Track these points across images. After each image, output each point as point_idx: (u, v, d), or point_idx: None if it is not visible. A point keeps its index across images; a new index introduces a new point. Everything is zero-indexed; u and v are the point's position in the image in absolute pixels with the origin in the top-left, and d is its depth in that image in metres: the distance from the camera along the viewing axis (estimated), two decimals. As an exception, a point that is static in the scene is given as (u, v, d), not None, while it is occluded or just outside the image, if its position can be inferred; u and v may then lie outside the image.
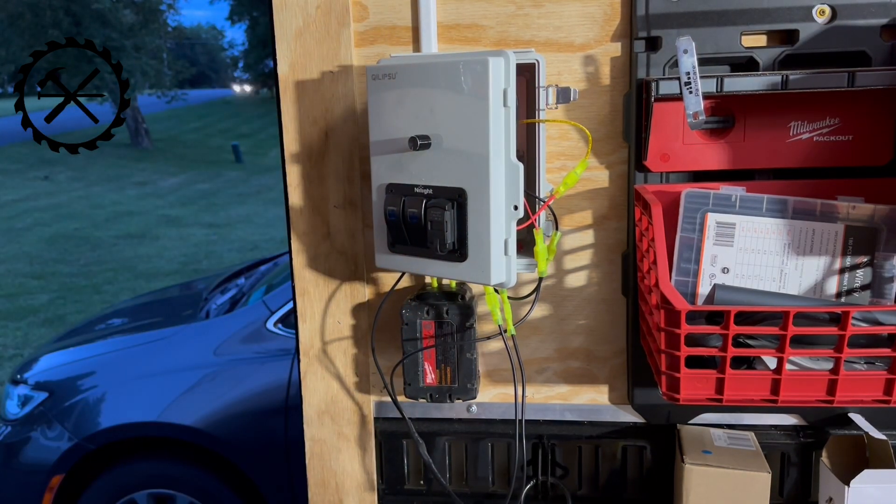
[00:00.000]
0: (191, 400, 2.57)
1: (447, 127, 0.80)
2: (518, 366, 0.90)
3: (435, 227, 0.81)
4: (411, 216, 0.82)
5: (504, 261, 0.81)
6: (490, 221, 0.79)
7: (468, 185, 0.80)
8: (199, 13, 58.66)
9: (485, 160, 0.78)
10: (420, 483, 1.12)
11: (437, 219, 0.80)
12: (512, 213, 0.81)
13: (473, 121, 0.78)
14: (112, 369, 2.77)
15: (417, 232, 0.83)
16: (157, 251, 8.10)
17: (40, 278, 7.16)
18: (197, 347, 2.72)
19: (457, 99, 0.78)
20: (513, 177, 0.80)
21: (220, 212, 9.94)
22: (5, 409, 2.78)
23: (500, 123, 0.78)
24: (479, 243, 0.80)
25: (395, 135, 0.85)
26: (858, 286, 0.89)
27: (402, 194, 0.84)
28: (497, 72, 0.77)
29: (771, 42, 0.93)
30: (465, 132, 0.79)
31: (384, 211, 0.86)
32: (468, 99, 0.78)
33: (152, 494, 2.58)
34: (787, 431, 1.03)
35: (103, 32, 18.17)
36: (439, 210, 0.80)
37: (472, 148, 0.78)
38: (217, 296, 3.22)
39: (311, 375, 1.10)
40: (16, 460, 2.64)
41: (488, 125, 0.77)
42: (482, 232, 0.80)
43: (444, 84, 0.79)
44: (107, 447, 2.59)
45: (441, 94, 0.80)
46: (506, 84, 0.78)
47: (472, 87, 0.77)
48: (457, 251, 0.82)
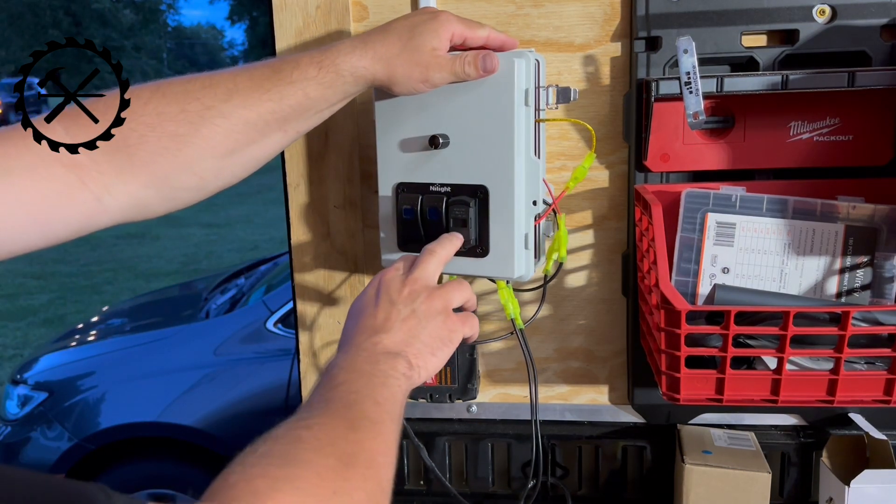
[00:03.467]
0: (191, 400, 2.57)
1: (468, 125, 0.82)
2: (530, 361, 0.91)
3: (457, 224, 0.83)
4: (431, 213, 0.84)
5: (525, 254, 0.84)
6: (514, 216, 0.82)
7: (490, 182, 0.82)
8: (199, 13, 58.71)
9: (510, 157, 0.80)
10: (420, 483, 1.12)
11: (460, 216, 0.82)
12: (531, 208, 0.84)
13: (498, 119, 0.80)
14: (112, 369, 2.77)
15: (436, 229, 0.84)
16: (157, 251, 8.10)
17: (40, 278, 7.16)
18: (197, 347, 2.72)
19: (480, 98, 0.81)
20: (533, 173, 0.83)
21: (220, 212, 9.94)
22: (5, 410, 2.78)
23: (522, 122, 0.81)
24: (502, 238, 0.83)
25: (406, 134, 0.86)
26: (858, 286, 0.89)
27: (418, 193, 0.85)
28: (521, 72, 0.80)
29: (771, 42, 0.93)
30: (489, 130, 0.81)
31: (397, 210, 0.87)
32: (493, 98, 0.80)
33: (152, 494, 2.58)
34: (787, 431, 1.02)
35: (103, 32, 18.18)
36: (464, 206, 0.82)
37: (495, 145, 0.81)
38: (217, 296, 3.22)
39: (311, 375, 1.10)
40: (16, 460, 2.64)
41: (513, 124, 0.80)
42: (505, 227, 0.82)
43: (467, 83, 0.81)
44: (107, 447, 2.59)
45: (462, 93, 0.81)
46: (527, 84, 0.81)
47: (497, 87, 0.80)
48: (478, 247, 0.84)
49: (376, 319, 0.71)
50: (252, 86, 0.72)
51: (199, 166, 0.72)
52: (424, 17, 0.78)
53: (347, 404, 0.61)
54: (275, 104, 0.73)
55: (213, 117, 0.70)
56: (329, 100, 0.76)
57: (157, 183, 0.71)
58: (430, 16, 0.78)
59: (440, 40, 0.76)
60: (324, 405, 0.60)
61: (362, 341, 0.69)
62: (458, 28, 0.77)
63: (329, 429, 0.57)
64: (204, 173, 0.73)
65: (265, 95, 0.72)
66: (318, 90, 0.74)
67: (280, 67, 0.74)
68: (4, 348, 5.37)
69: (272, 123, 0.74)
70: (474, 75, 0.78)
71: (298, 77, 0.74)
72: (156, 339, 2.88)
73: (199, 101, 0.70)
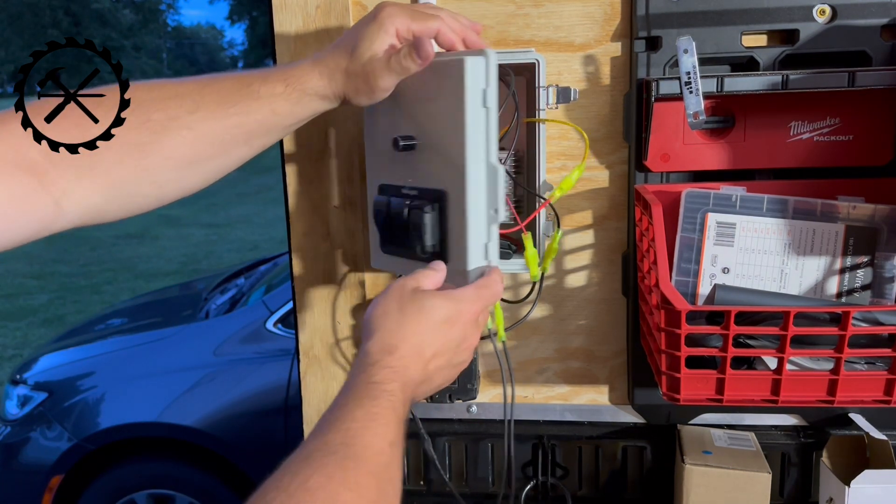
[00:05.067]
0: (190, 400, 2.56)
1: (430, 127, 0.79)
2: (508, 371, 0.90)
3: (414, 229, 0.79)
4: (396, 217, 0.81)
5: (484, 265, 0.78)
6: (467, 224, 0.76)
7: (449, 187, 0.78)
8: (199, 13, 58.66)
9: (462, 162, 0.75)
10: (420, 483, 1.12)
11: (416, 221, 0.78)
12: (493, 216, 0.77)
13: (451, 121, 0.76)
14: (112, 369, 2.77)
15: (403, 233, 0.81)
16: (157, 251, 8.09)
17: (39, 278, 7.16)
18: (197, 347, 2.72)
19: (436, 99, 0.77)
20: (493, 180, 0.77)
21: (220, 212, 9.94)
22: (5, 410, 2.78)
23: (478, 124, 0.75)
24: (458, 246, 0.78)
25: (385, 134, 0.84)
26: (859, 286, 0.89)
27: (390, 194, 0.83)
28: (475, 72, 0.74)
29: (771, 42, 0.93)
30: (445, 133, 0.77)
31: (373, 211, 0.86)
32: (446, 99, 0.76)
33: (152, 495, 2.58)
34: (787, 432, 1.02)
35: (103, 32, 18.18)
36: (419, 212, 0.78)
37: (450, 149, 0.76)
38: (217, 296, 3.21)
39: (310, 375, 1.10)
40: (15, 461, 2.64)
41: (465, 126, 0.75)
42: (461, 235, 0.77)
43: (426, 84, 0.78)
44: (106, 447, 2.59)
45: (423, 93, 0.78)
46: (485, 84, 0.75)
47: (449, 88, 0.75)
48: (438, 254, 0.79)
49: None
50: (219, 99, 0.71)
51: (159, 176, 0.71)
52: (366, 20, 0.75)
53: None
54: (241, 118, 0.72)
55: (178, 128, 0.70)
56: (297, 115, 0.75)
57: (115, 190, 0.70)
58: (370, 17, 0.75)
59: (380, 43, 0.74)
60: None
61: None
62: (404, 23, 0.74)
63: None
64: (163, 182, 0.72)
65: (232, 109, 0.71)
66: (285, 106, 0.74)
67: (248, 82, 0.73)
68: (4, 348, 5.37)
69: (238, 137, 0.73)
70: (414, 67, 0.74)
71: (266, 93, 0.73)
72: (156, 339, 2.87)
73: (164, 111, 0.69)
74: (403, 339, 0.67)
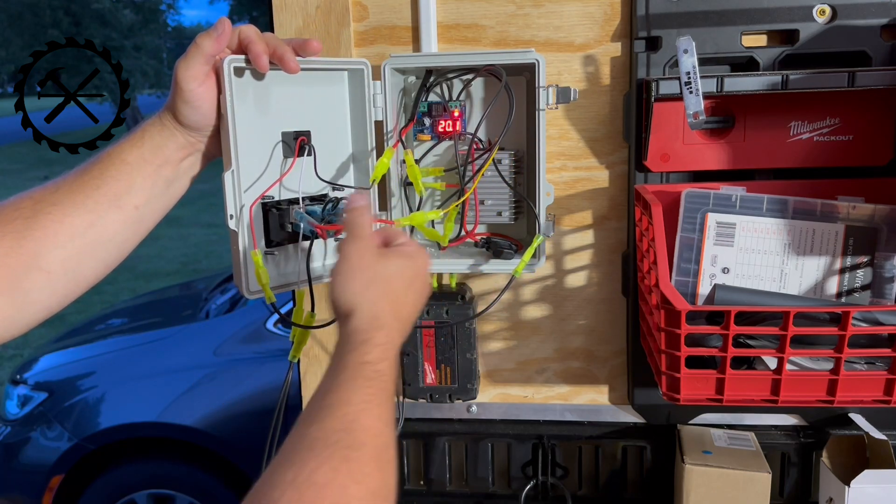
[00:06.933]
0: (190, 400, 2.56)
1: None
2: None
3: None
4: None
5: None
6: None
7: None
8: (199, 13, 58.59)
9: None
10: (420, 483, 1.12)
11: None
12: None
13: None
14: (112, 369, 2.77)
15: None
16: (157, 251, 8.09)
17: (40, 278, 7.14)
18: (197, 347, 2.71)
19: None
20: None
21: (220, 212, 9.87)
22: (5, 410, 2.78)
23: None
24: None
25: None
26: (859, 286, 0.89)
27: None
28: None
29: (771, 42, 0.93)
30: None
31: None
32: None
33: (152, 494, 2.58)
34: (787, 431, 1.02)
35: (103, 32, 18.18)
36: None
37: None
38: (217, 296, 3.21)
39: (311, 375, 1.10)
40: (16, 460, 2.64)
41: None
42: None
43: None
44: (106, 447, 2.58)
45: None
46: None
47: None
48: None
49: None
50: (77, 172, 0.75)
51: (43, 260, 0.71)
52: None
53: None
54: (97, 180, 0.74)
55: (45, 206, 0.72)
56: (152, 161, 0.77)
57: (7, 290, 0.70)
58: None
59: (193, 76, 0.75)
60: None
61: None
62: (210, 47, 0.74)
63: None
64: (50, 266, 0.72)
65: (86, 175, 0.74)
66: (133, 152, 0.76)
67: (103, 152, 0.76)
68: (4, 348, 5.37)
69: (101, 202, 0.74)
70: (209, 42, 0.74)
71: (116, 150, 0.76)
72: (156, 339, 2.87)
73: (30, 198, 0.73)
74: (384, 310, 0.67)
